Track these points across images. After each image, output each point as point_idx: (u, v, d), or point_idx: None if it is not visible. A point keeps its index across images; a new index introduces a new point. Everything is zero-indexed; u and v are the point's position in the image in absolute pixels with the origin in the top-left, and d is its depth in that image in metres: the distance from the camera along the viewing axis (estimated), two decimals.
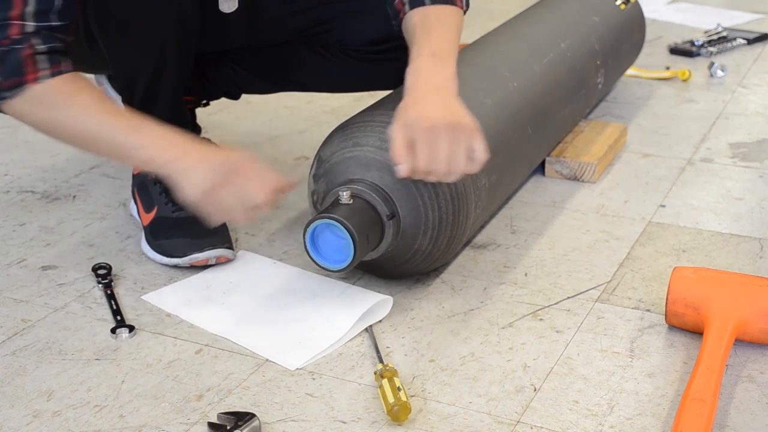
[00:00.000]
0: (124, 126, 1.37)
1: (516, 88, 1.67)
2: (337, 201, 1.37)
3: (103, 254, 1.62)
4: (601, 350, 1.34)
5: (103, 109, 1.37)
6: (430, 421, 1.19)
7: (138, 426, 1.19)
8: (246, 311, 1.44)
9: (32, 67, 1.34)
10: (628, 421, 1.19)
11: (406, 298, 1.47)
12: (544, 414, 1.21)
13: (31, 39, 1.34)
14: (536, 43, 1.85)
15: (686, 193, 1.85)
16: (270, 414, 1.21)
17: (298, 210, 1.78)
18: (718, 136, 2.14)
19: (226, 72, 1.79)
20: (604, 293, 1.49)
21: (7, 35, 1.33)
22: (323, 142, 1.49)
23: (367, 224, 1.35)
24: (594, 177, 1.89)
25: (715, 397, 1.17)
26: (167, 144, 1.37)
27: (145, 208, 1.62)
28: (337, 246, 1.36)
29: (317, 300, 1.45)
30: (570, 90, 1.89)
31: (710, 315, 1.32)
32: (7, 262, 1.60)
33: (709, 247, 1.63)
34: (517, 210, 1.77)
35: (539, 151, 1.80)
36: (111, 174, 1.95)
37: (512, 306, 1.45)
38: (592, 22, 2.09)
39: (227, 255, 1.55)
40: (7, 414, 1.21)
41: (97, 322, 1.42)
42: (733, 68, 2.63)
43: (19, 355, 1.34)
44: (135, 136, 1.36)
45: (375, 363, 1.31)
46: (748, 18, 3.14)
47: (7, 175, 1.96)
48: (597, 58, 2.03)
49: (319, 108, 2.34)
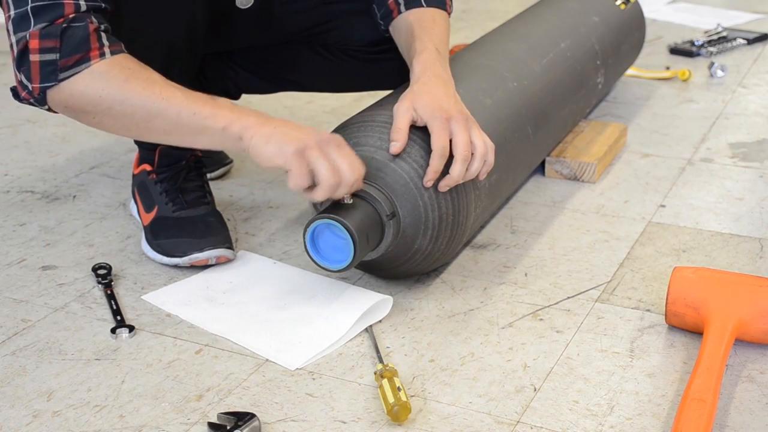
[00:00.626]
0: (194, 97, 1.33)
1: (516, 88, 1.67)
2: (337, 201, 1.37)
3: (103, 254, 1.62)
4: (601, 350, 1.34)
5: (170, 83, 1.34)
6: (430, 421, 1.19)
7: (138, 426, 1.19)
8: (246, 311, 1.44)
9: (97, 43, 1.31)
10: (628, 421, 1.19)
11: (406, 298, 1.47)
12: (544, 414, 1.21)
13: (90, 16, 1.31)
14: (536, 43, 1.85)
15: (686, 193, 1.85)
16: (270, 414, 1.21)
17: (298, 210, 1.78)
18: (718, 136, 2.14)
19: (226, 72, 1.79)
20: (604, 293, 1.49)
21: (62, 13, 1.29)
22: None
23: (367, 224, 1.35)
24: (594, 177, 1.89)
25: (715, 397, 1.17)
26: (245, 112, 1.33)
27: (146, 208, 1.62)
28: (337, 246, 1.36)
29: (317, 300, 1.45)
30: (570, 90, 1.89)
31: (710, 315, 1.32)
32: (7, 262, 1.60)
33: (709, 247, 1.63)
34: (517, 210, 1.77)
35: (539, 151, 1.80)
36: (111, 174, 1.95)
37: (512, 306, 1.45)
38: (592, 22, 2.09)
39: (227, 255, 1.55)
40: (7, 414, 1.21)
41: (97, 322, 1.42)
42: (733, 68, 2.63)
43: (19, 355, 1.34)
44: (209, 105, 1.32)
45: (375, 363, 1.31)
46: (748, 18, 3.14)
47: (7, 175, 1.96)
48: (597, 58, 2.03)
49: (319, 108, 2.34)
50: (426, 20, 1.52)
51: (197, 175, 1.64)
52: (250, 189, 1.88)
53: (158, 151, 1.61)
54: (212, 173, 1.89)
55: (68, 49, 1.30)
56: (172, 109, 1.32)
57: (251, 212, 1.77)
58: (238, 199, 1.83)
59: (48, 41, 1.30)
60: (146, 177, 1.63)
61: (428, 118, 1.37)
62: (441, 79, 1.43)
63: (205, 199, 1.62)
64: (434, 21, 1.53)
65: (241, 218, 1.75)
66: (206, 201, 1.62)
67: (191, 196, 1.61)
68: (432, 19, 1.52)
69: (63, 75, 1.31)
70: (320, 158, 1.29)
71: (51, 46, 1.30)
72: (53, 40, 1.29)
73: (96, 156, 2.05)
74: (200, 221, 1.58)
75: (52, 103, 1.34)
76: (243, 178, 1.93)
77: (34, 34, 1.30)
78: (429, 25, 1.52)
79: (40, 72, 1.31)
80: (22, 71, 1.32)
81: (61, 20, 1.29)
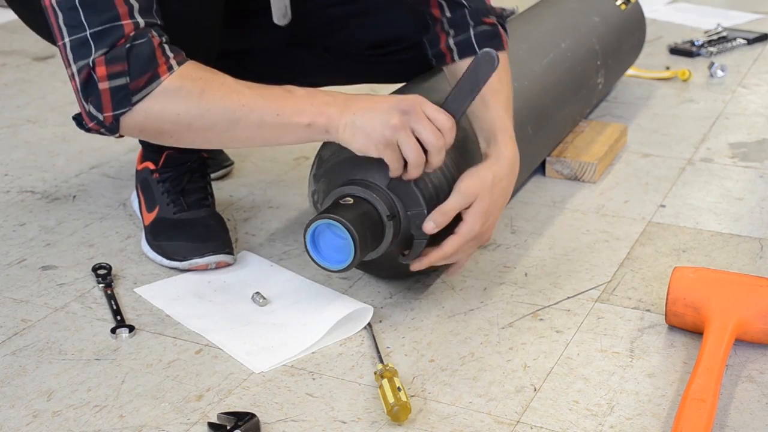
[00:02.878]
0: (272, 96, 1.28)
1: (516, 88, 1.66)
2: (338, 201, 1.37)
3: (103, 254, 1.62)
4: (601, 350, 1.34)
5: (243, 85, 1.29)
6: (430, 421, 1.19)
7: (138, 426, 1.19)
8: (230, 311, 1.44)
9: (162, 57, 1.25)
10: (628, 421, 1.19)
11: (406, 298, 1.47)
12: (544, 414, 1.21)
13: (150, 31, 1.26)
14: (536, 43, 1.85)
15: (686, 193, 1.85)
16: (270, 414, 1.21)
17: (298, 210, 1.78)
18: (718, 136, 2.14)
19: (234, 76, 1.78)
20: (604, 293, 1.49)
21: (122, 34, 1.24)
22: (324, 142, 1.49)
23: (368, 225, 1.35)
24: (594, 177, 1.89)
25: (715, 397, 1.17)
26: (324, 100, 1.28)
27: (148, 207, 1.62)
28: (338, 246, 1.35)
29: (300, 306, 1.45)
30: (570, 90, 1.89)
31: (710, 315, 1.32)
32: (7, 262, 1.60)
33: (709, 247, 1.63)
34: (517, 210, 1.77)
35: (539, 151, 1.80)
36: (111, 174, 1.95)
37: (512, 306, 1.45)
38: (593, 22, 2.09)
39: (227, 260, 1.55)
40: (7, 414, 1.21)
41: (97, 322, 1.42)
42: (733, 68, 2.63)
43: (19, 355, 1.34)
44: (289, 102, 1.28)
45: (375, 363, 1.31)
46: (748, 18, 3.14)
47: (7, 175, 1.96)
48: (597, 58, 2.03)
49: None
50: (492, 80, 1.36)
51: (201, 176, 1.63)
52: (250, 189, 1.88)
53: (165, 154, 1.60)
54: (212, 174, 1.89)
55: (137, 70, 1.24)
56: (254, 115, 1.28)
57: (251, 212, 1.77)
58: (238, 199, 1.83)
59: (116, 66, 1.24)
60: (149, 175, 1.62)
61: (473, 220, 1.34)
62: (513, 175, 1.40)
63: (206, 201, 1.62)
64: (500, 80, 1.43)
65: (241, 218, 1.75)
66: (207, 203, 1.62)
67: (192, 198, 1.61)
68: (498, 78, 1.41)
69: (135, 98, 1.25)
70: (407, 140, 1.27)
71: (120, 70, 1.24)
72: (121, 63, 1.24)
73: (96, 156, 2.05)
74: (200, 224, 1.57)
75: (125, 129, 1.29)
76: (243, 178, 1.93)
77: (99, 61, 1.24)
78: (497, 86, 1.42)
79: (112, 99, 1.25)
80: (90, 102, 1.26)
81: (122, 41, 1.24)
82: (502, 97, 1.43)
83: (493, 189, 1.35)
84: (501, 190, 1.37)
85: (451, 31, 1.48)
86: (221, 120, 1.28)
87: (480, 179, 1.34)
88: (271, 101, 1.28)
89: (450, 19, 1.48)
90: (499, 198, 1.37)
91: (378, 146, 1.28)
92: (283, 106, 1.28)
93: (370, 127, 1.27)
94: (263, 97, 1.28)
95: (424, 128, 1.27)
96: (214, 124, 1.28)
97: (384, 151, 1.28)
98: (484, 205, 1.34)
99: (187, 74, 1.28)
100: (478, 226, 1.35)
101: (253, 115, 1.28)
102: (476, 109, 1.41)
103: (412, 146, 1.28)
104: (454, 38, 1.47)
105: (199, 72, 1.29)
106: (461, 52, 1.47)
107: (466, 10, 1.47)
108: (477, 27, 1.47)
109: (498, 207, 1.37)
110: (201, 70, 1.29)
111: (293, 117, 1.28)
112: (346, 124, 1.27)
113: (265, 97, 1.28)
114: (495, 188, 1.35)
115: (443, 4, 1.49)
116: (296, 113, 1.28)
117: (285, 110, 1.28)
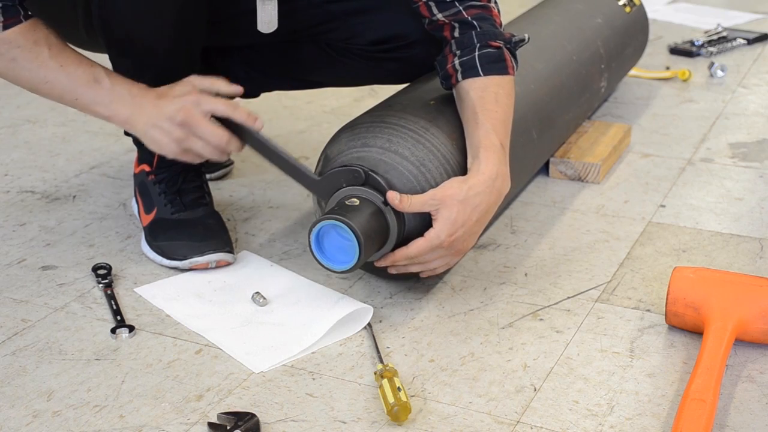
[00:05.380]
0: (79, 79, 1.39)
1: (522, 92, 1.66)
2: (343, 202, 1.36)
3: (103, 254, 1.62)
4: (601, 350, 1.34)
5: (61, 58, 1.39)
6: (430, 421, 1.19)
7: (138, 426, 1.19)
8: (230, 311, 1.44)
9: None
10: (628, 421, 1.19)
11: (406, 298, 1.47)
12: (544, 414, 1.21)
13: None
14: (541, 47, 1.84)
15: (686, 193, 1.85)
16: (270, 414, 1.21)
17: (299, 210, 1.78)
18: (718, 136, 2.14)
19: (238, 73, 1.78)
20: (604, 293, 1.49)
21: None
22: (330, 140, 1.49)
23: (373, 226, 1.35)
24: (598, 178, 1.88)
25: (715, 397, 1.17)
26: (119, 100, 1.40)
27: (146, 209, 1.62)
28: (342, 247, 1.35)
29: (299, 306, 1.45)
30: (574, 94, 1.89)
31: (710, 315, 1.32)
32: (7, 262, 1.60)
33: (709, 247, 1.63)
34: (517, 210, 1.77)
35: (543, 154, 1.80)
36: (111, 174, 1.95)
37: (512, 306, 1.45)
38: (597, 24, 2.08)
39: (227, 259, 1.55)
40: (7, 414, 1.21)
41: (97, 322, 1.42)
42: (733, 68, 2.62)
43: (19, 355, 1.34)
44: (90, 89, 1.39)
45: (375, 363, 1.31)
46: (748, 18, 3.14)
47: (7, 175, 1.96)
48: (602, 62, 2.02)
49: (319, 108, 2.34)
50: (488, 100, 1.43)
51: (196, 175, 1.63)
52: (250, 189, 1.88)
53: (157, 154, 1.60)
54: (212, 174, 1.89)
55: None
56: (55, 92, 1.41)
57: (251, 212, 1.77)
58: (238, 199, 1.83)
59: None
60: (145, 177, 1.63)
61: (441, 227, 1.36)
62: (492, 193, 1.39)
63: (203, 200, 1.62)
64: (497, 101, 1.45)
65: (241, 218, 1.75)
66: (205, 202, 1.62)
67: (189, 198, 1.61)
68: (494, 99, 1.44)
69: None
70: (195, 145, 1.40)
71: None
72: None
73: (96, 156, 2.05)
74: (200, 223, 1.58)
75: None
76: (243, 178, 1.93)
77: None
78: (491, 106, 1.44)
79: None
80: None
81: None
82: (495, 116, 1.44)
83: (465, 201, 1.36)
84: (475, 204, 1.37)
85: (458, 51, 1.48)
86: (27, 87, 1.42)
87: (452, 189, 1.36)
88: (74, 85, 1.40)
89: (458, 40, 1.49)
90: (473, 212, 1.37)
91: (174, 156, 1.42)
92: (83, 93, 1.40)
93: (161, 142, 1.41)
94: (68, 78, 1.39)
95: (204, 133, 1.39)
96: (22, 87, 1.43)
97: (183, 157, 1.43)
98: (452, 214, 1.35)
99: (7, 39, 1.37)
100: (444, 234, 1.35)
101: (54, 93, 1.41)
102: (467, 127, 1.44)
103: (201, 148, 1.40)
104: (459, 59, 1.48)
105: (20, 39, 1.37)
106: (465, 72, 1.47)
107: (474, 32, 1.48)
108: (482, 49, 1.47)
109: (472, 220, 1.37)
110: (23, 38, 1.37)
111: (91, 106, 1.41)
112: (141, 133, 1.42)
113: (70, 78, 1.39)
114: (468, 201, 1.36)
115: (455, 26, 1.49)
116: (94, 103, 1.41)
117: (84, 98, 1.40)
